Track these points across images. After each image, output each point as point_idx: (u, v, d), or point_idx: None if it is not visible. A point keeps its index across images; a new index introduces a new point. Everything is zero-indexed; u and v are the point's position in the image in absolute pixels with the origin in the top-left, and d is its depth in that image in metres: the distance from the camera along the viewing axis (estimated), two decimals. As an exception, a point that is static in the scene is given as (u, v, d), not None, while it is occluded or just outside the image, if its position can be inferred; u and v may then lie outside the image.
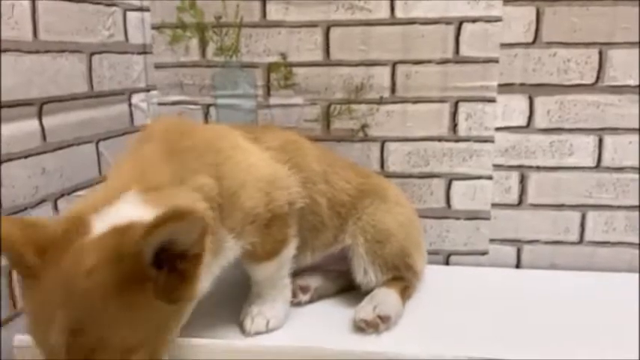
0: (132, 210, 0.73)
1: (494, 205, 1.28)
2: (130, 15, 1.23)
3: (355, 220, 1.09)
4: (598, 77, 1.20)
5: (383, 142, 1.28)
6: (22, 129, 0.94)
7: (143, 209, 0.73)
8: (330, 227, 1.08)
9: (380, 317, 0.98)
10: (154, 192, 0.77)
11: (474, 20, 1.20)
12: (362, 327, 0.98)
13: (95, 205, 0.74)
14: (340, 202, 1.08)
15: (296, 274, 1.05)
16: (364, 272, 1.07)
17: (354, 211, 1.09)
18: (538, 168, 1.25)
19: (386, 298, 1.03)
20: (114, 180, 0.83)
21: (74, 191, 1.07)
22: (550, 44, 1.19)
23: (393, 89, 1.25)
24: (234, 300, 1.03)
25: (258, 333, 0.96)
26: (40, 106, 0.98)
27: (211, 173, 0.86)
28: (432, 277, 1.21)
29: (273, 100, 1.28)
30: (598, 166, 1.24)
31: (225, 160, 0.89)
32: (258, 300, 1.00)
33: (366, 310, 1.00)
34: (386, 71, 1.24)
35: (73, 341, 0.65)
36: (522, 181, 1.26)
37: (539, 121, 1.23)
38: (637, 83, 1.19)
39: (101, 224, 0.71)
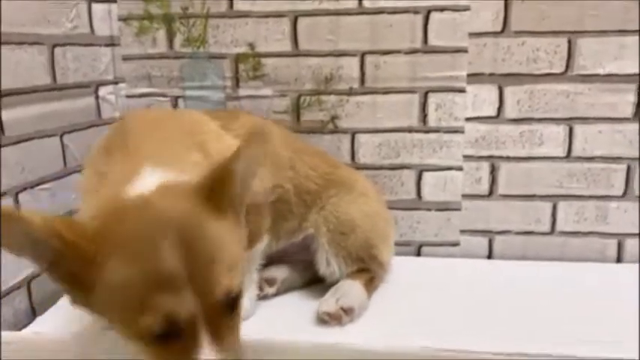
0: (159, 179, 0.72)
1: (464, 195, 1.27)
2: (96, 7, 1.22)
3: (318, 209, 1.08)
4: (567, 66, 1.19)
5: (353, 133, 1.27)
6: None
7: (171, 176, 0.73)
8: (296, 215, 1.08)
9: (343, 309, 0.98)
10: (165, 166, 0.77)
11: (442, 9, 1.18)
12: (325, 319, 0.98)
13: (115, 189, 0.74)
14: (306, 189, 1.08)
15: (262, 266, 1.05)
16: (327, 263, 1.06)
17: (318, 200, 1.09)
18: (508, 158, 1.24)
19: (350, 289, 1.03)
20: (114, 167, 0.81)
21: (37, 184, 1.06)
22: (519, 33, 1.18)
23: (362, 80, 1.24)
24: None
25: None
26: (-2, 99, 0.97)
27: (200, 150, 0.86)
28: (404, 268, 1.21)
29: (242, 92, 1.27)
30: (568, 155, 1.23)
31: (209, 139, 0.90)
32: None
33: (328, 302, 0.99)
34: (355, 62, 1.23)
35: (191, 265, 0.65)
36: (493, 171, 1.25)
37: (509, 111, 1.22)
38: (606, 72, 1.18)
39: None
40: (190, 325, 0.64)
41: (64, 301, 1.03)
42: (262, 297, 1.05)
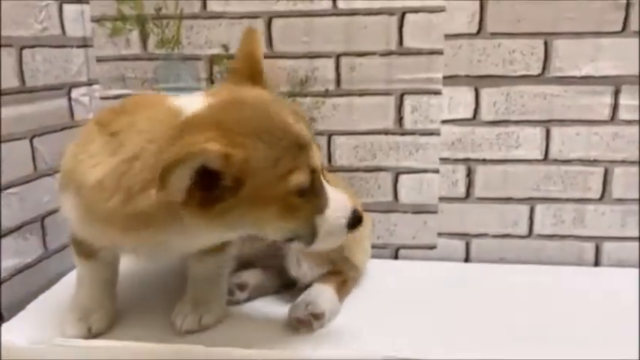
0: (200, 97, 0.84)
1: (441, 198, 1.26)
2: (68, 8, 1.20)
3: None
4: (544, 68, 1.18)
5: (329, 135, 1.26)
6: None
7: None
8: None
9: (313, 315, 0.97)
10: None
11: (417, 11, 1.17)
12: (295, 325, 0.96)
13: (173, 119, 0.79)
14: None
15: (233, 270, 1.04)
16: (297, 265, 1.05)
17: None
18: (485, 161, 1.23)
19: (320, 294, 1.01)
20: (139, 117, 0.82)
21: (7, 188, 1.05)
22: (495, 35, 1.17)
23: (338, 82, 1.23)
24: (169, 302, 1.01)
25: (189, 331, 0.94)
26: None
27: None
28: (380, 271, 1.20)
29: (217, 94, 1.26)
30: (545, 158, 1.22)
31: None
32: (194, 297, 0.98)
33: (298, 308, 0.98)
34: (330, 63, 1.22)
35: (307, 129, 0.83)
36: (469, 174, 1.24)
37: (486, 114, 1.21)
38: (583, 74, 1.17)
39: None
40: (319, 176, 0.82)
41: (34, 307, 1.04)
42: (234, 302, 1.04)
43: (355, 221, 0.85)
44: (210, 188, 0.74)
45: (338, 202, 0.84)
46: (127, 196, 0.78)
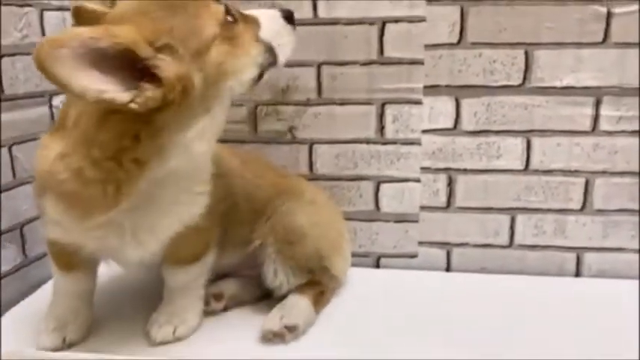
0: None
1: (422, 207, 1.26)
2: (49, 15, 1.20)
3: (266, 219, 1.06)
4: (525, 78, 1.17)
5: (311, 144, 1.26)
6: None
7: None
8: (245, 224, 1.06)
9: (287, 327, 0.97)
10: None
11: (397, 20, 1.17)
12: (269, 337, 0.97)
13: None
14: (255, 197, 1.06)
15: (209, 280, 1.03)
16: (274, 274, 1.04)
17: (267, 209, 1.07)
18: (465, 171, 1.23)
19: (295, 306, 1.02)
20: None
21: (-17, 197, 1.05)
22: (475, 45, 1.17)
23: (319, 91, 1.23)
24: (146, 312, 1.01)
25: (163, 342, 0.95)
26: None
27: None
28: (362, 279, 1.20)
29: (199, 102, 1.25)
30: (526, 168, 1.22)
31: None
32: (169, 308, 0.98)
33: (273, 320, 0.98)
34: (311, 72, 1.22)
35: None
36: (450, 183, 1.24)
37: (466, 124, 1.21)
38: (563, 84, 1.16)
39: None
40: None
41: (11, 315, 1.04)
42: (209, 312, 1.03)
43: (289, 14, 0.92)
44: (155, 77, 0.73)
45: (264, 13, 0.90)
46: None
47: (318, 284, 1.07)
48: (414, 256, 1.29)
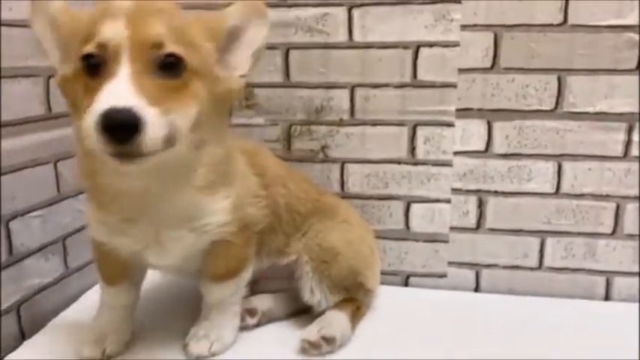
0: None
1: (452, 228, 1.28)
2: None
3: (301, 235, 1.09)
4: (557, 103, 1.18)
5: (343, 163, 1.29)
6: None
7: None
8: (284, 233, 1.08)
9: (324, 338, 0.99)
10: None
11: (431, 45, 1.19)
12: (305, 348, 0.99)
13: None
14: (296, 209, 1.08)
15: (244, 297, 1.06)
16: (311, 292, 1.07)
17: (304, 224, 1.09)
18: (496, 193, 1.24)
19: (333, 319, 1.04)
20: None
21: (28, 212, 1.09)
22: (508, 70, 1.18)
23: (352, 112, 1.25)
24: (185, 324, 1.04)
25: (200, 357, 0.98)
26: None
27: None
28: (390, 298, 1.22)
29: (235, 120, 1.29)
30: (557, 192, 1.22)
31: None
32: (206, 323, 1.01)
33: (310, 331, 1.00)
34: (345, 94, 1.25)
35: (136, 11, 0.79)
36: (480, 205, 1.25)
37: (498, 146, 1.22)
38: (596, 110, 1.17)
39: None
40: (115, 56, 0.73)
41: (53, 325, 1.08)
42: (243, 327, 1.06)
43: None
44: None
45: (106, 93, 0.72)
46: None
47: (355, 300, 1.10)
48: (443, 275, 1.30)
